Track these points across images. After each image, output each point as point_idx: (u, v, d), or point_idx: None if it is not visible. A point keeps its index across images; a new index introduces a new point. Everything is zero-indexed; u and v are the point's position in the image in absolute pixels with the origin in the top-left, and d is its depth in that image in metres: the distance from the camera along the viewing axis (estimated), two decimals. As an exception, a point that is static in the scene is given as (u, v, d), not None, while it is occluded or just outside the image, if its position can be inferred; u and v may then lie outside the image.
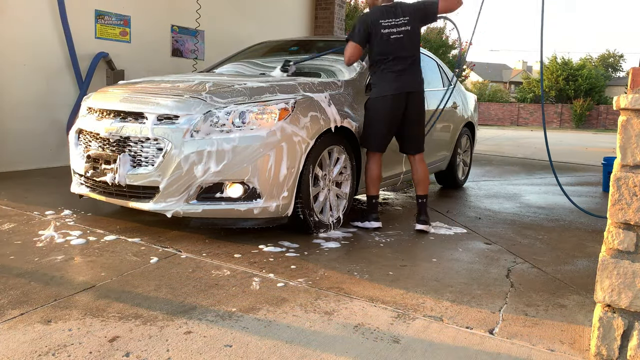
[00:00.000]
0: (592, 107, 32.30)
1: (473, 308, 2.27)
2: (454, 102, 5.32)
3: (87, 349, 1.77)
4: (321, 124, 3.17)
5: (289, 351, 1.82)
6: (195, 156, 2.87)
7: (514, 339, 1.99)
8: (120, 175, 3.02)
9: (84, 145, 3.33)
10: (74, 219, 3.42)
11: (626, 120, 1.73)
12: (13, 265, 2.55)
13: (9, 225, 3.22)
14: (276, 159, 2.94)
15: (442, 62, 5.56)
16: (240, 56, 4.67)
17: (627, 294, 1.73)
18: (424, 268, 2.78)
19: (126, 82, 3.90)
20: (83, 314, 2.04)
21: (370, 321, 2.09)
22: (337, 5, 9.40)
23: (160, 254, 2.80)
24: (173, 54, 6.84)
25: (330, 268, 2.70)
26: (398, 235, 3.43)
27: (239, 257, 2.80)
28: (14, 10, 5.10)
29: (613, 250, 1.76)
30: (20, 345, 1.78)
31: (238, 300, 2.23)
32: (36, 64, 5.33)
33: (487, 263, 2.92)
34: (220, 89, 3.14)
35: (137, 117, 3.07)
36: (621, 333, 1.75)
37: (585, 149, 12.79)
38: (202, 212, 2.94)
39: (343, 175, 3.50)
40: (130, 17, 6.19)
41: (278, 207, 3.00)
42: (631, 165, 1.72)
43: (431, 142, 4.74)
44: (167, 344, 1.83)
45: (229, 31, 7.58)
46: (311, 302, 2.25)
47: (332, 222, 3.39)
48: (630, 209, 1.71)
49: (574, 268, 2.92)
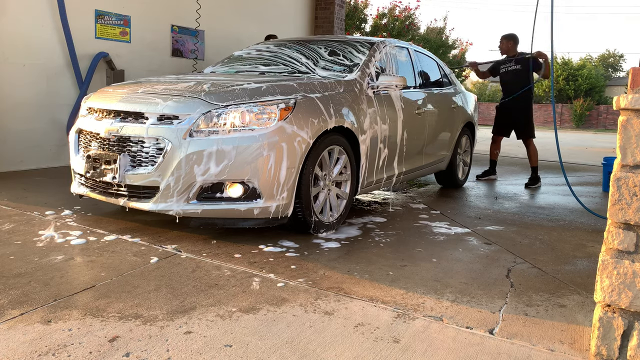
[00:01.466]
0: (592, 107, 32.30)
1: (473, 308, 2.27)
2: (454, 102, 5.32)
3: (87, 349, 1.77)
4: (321, 124, 3.17)
5: (289, 351, 1.82)
6: (196, 156, 2.87)
7: (514, 339, 1.99)
8: (120, 176, 3.02)
9: (84, 145, 3.33)
10: (74, 219, 3.42)
11: (626, 120, 1.73)
12: (13, 265, 2.55)
13: (9, 225, 3.22)
14: (276, 159, 2.94)
15: (442, 62, 5.56)
16: (240, 59, 4.66)
17: (627, 294, 1.73)
18: (424, 268, 2.78)
19: (126, 82, 3.91)
20: (83, 314, 2.04)
21: (370, 321, 2.09)
22: (337, 5, 9.40)
23: (160, 254, 2.80)
24: (173, 54, 6.84)
25: (330, 268, 2.70)
26: (398, 235, 3.43)
27: (239, 257, 2.80)
28: (14, 10, 5.10)
29: (613, 250, 1.76)
30: (20, 345, 1.78)
31: (238, 300, 2.23)
32: (36, 64, 5.33)
33: (487, 263, 2.93)
34: (220, 89, 3.14)
35: (137, 117, 3.07)
36: (621, 333, 1.75)
37: (585, 148, 12.79)
38: (202, 212, 2.94)
39: (343, 175, 3.50)
40: (130, 17, 6.20)
41: (278, 207, 3.00)
42: (631, 165, 1.72)
43: (431, 142, 4.75)
44: (167, 344, 1.83)
45: (229, 31, 7.58)
46: (311, 302, 2.25)
47: (333, 222, 3.40)
48: (630, 209, 1.71)
49: (574, 268, 2.92)
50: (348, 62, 4.02)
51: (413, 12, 18.20)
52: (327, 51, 4.24)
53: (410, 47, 4.89)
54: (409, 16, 18.14)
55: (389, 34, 17.27)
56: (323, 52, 4.23)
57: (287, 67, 4.08)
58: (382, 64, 4.16)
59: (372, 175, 3.83)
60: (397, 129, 4.06)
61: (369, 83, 3.82)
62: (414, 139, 4.37)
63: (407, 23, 18.09)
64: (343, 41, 4.43)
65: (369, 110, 3.69)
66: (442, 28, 20.09)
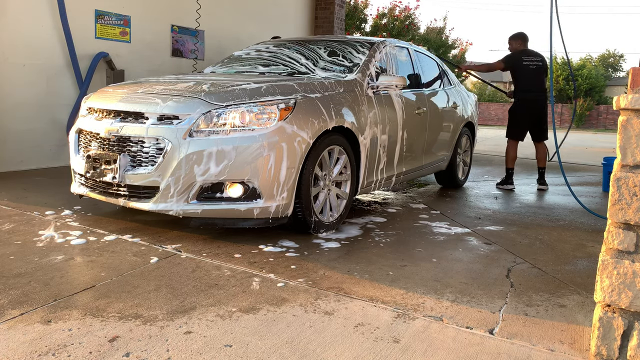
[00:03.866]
0: (592, 107, 32.30)
1: (473, 308, 2.27)
2: (454, 102, 5.32)
3: (87, 349, 1.77)
4: (321, 124, 3.17)
5: (289, 351, 1.82)
6: (196, 156, 2.87)
7: (514, 339, 1.99)
8: (120, 176, 3.02)
9: (84, 145, 3.33)
10: (74, 219, 3.42)
11: (626, 120, 1.73)
12: (13, 265, 2.55)
13: (9, 225, 3.22)
14: (276, 159, 2.94)
15: (442, 63, 5.56)
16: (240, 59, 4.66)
17: (627, 294, 1.73)
18: (424, 268, 2.78)
19: (126, 82, 3.91)
20: (83, 314, 2.04)
21: (370, 321, 2.09)
22: (337, 5, 9.40)
23: (160, 254, 2.80)
24: (173, 54, 6.84)
25: (330, 268, 2.70)
26: (398, 235, 3.43)
27: (239, 257, 2.80)
28: (14, 10, 5.10)
29: (613, 250, 1.76)
30: (20, 345, 1.78)
31: (238, 300, 2.23)
32: (36, 64, 5.33)
33: (487, 263, 2.93)
34: (220, 89, 3.14)
35: (137, 117, 3.07)
36: (621, 333, 1.75)
37: (585, 148, 12.79)
38: (202, 212, 2.94)
39: (343, 175, 3.50)
40: (130, 17, 6.19)
41: (278, 207, 3.00)
42: (631, 165, 1.72)
43: (431, 142, 4.75)
44: (167, 344, 1.83)
45: (229, 31, 7.58)
46: (311, 302, 2.25)
47: (333, 222, 3.39)
48: (630, 209, 1.71)
49: (574, 268, 2.92)
50: (348, 62, 4.02)
51: (413, 12, 18.19)
52: (327, 51, 4.24)
53: (410, 47, 4.89)
54: (409, 16, 18.13)
55: (388, 34, 17.26)
56: (323, 52, 4.23)
57: (287, 67, 4.08)
58: (382, 64, 4.16)
59: (372, 175, 3.83)
60: (397, 129, 4.06)
61: (369, 83, 3.82)
62: (414, 139, 4.37)
63: (407, 23, 18.08)
64: (343, 41, 4.43)
65: (369, 110, 3.69)
66: (442, 28, 20.06)
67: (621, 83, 38.72)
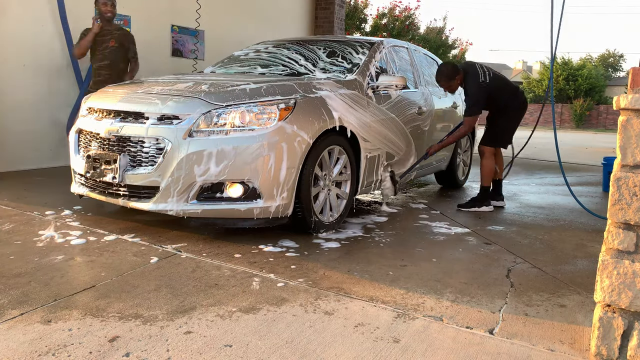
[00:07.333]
0: (592, 107, 32.29)
1: (473, 308, 2.27)
2: (454, 101, 5.32)
3: (87, 349, 1.77)
4: (321, 124, 3.17)
5: (289, 351, 1.82)
6: (196, 156, 2.87)
7: (514, 339, 1.99)
8: (120, 176, 3.02)
9: (84, 146, 3.33)
10: (74, 219, 3.42)
11: (626, 120, 1.73)
12: (13, 265, 2.55)
13: (9, 225, 3.22)
14: (276, 159, 2.94)
15: (441, 62, 5.56)
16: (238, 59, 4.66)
17: (627, 294, 1.73)
18: (424, 268, 2.78)
19: (126, 82, 3.91)
20: (83, 314, 2.04)
21: (370, 321, 2.09)
22: (337, 5, 9.40)
23: (160, 254, 2.80)
24: (173, 54, 6.84)
25: (330, 268, 2.70)
26: (398, 235, 3.43)
27: (239, 257, 2.80)
28: (14, 10, 5.10)
29: (613, 250, 1.76)
30: (20, 345, 1.78)
31: (238, 300, 2.23)
32: (36, 64, 5.33)
33: (487, 263, 2.92)
34: (221, 89, 3.14)
35: (137, 117, 3.07)
36: (621, 333, 1.75)
37: (585, 148, 12.79)
38: (202, 212, 2.94)
39: (343, 175, 3.50)
40: (130, 17, 6.19)
41: (278, 207, 3.00)
42: (631, 165, 1.72)
43: (431, 142, 4.75)
44: (167, 344, 1.83)
45: (229, 31, 7.58)
46: (311, 302, 2.25)
47: (333, 222, 3.39)
48: (630, 209, 1.71)
49: (574, 268, 2.92)
50: (348, 63, 4.02)
51: (413, 12, 18.20)
52: (327, 51, 4.24)
53: (410, 47, 4.89)
54: (409, 16, 18.14)
55: (389, 34, 17.27)
56: (323, 53, 4.23)
57: (287, 67, 4.08)
58: (382, 64, 4.16)
59: (372, 175, 3.83)
60: (397, 129, 4.06)
61: (369, 83, 3.82)
62: (414, 138, 4.37)
63: (407, 23, 18.08)
64: (343, 41, 4.43)
65: (369, 110, 3.68)
66: (441, 28, 20.07)
67: (621, 83, 38.72)
